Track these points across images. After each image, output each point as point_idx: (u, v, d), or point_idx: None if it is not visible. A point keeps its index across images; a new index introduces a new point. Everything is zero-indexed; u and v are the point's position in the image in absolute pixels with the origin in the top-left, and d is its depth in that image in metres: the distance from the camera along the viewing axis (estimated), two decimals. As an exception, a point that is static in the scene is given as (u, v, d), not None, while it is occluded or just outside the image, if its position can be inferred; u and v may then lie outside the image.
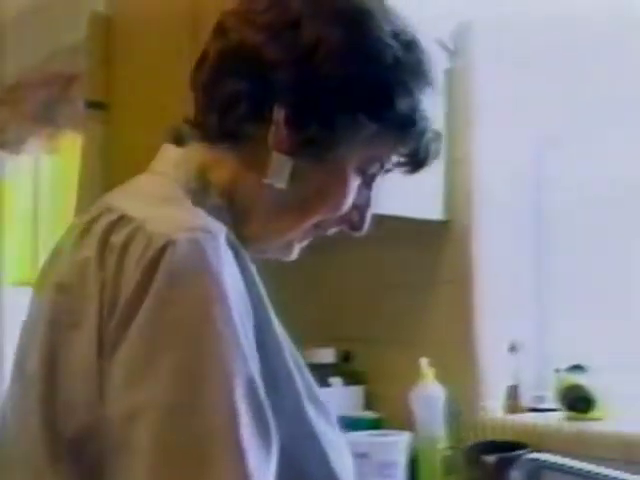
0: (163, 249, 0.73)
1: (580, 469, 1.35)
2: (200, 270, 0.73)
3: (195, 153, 0.91)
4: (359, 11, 0.89)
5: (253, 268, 0.81)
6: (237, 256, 0.78)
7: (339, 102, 0.87)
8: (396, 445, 1.66)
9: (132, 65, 2.20)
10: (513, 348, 1.80)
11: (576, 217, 1.81)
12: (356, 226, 0.96)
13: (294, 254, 0.97)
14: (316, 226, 0.94)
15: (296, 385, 0.82)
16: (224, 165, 0.90)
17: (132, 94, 2.21)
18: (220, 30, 0.91)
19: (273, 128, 0.87)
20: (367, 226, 0.96)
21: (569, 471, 1.37)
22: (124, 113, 2.24)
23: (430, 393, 1.75)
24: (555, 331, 1.82)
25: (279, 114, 0.86)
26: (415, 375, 1.75)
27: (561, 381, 1.69)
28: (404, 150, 0.94)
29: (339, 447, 0.85)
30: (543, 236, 1.86)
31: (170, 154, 0.92)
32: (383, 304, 1.91)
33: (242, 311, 0.74)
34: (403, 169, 0.96)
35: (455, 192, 1.81)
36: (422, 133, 0.92)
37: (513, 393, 1.79)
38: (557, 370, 1.71)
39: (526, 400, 1.79)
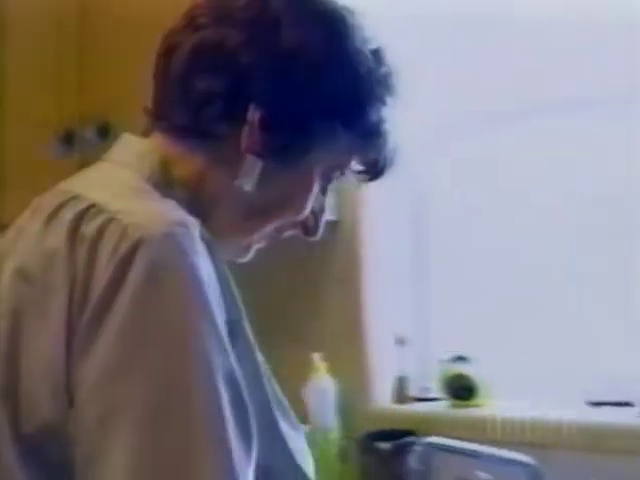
0: (138, 243, 0.70)
1: (471, 450, 1.46)
2: (177, 266, 0.71)
3: (159, 146, 0.88)
4: (338, 18, 0.89)
5: (223, 265, 0.78)
6: (210, 251, 0.75)
7: (316, 108, 0.87)
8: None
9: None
10: (399, 342, 1.90)
11: (456, 217, 1.92)
12: (311, 231, 0.96)
13: (249, 256, 0.96)
14: (275, 230, 0.93)
15: (265, 388, 0.80)
16: (190, 161, 0.87)
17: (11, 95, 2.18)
18: (194, 23, 0.88)
19: (247, 129, 0.85)
20: (321, 231, 0.96)
21: (460, 452, 1.47)
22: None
23: (322, 386, 1.83)
24: (438, 325, 1.93)
25: (254, 116, 0.85)
26: (308, 369, 1.83)
27: (445, 371, 1.80)
28: (366, 159, 0.94)
29: (303, 450, 0.85)
30: (425, 234, 1.97)
31: (132, 145, 0.89)
32: (275, 302, 1.97)
33: (218, 314, 0.72)
34: (361, 177, 0.97)
35: (343, 193, 1.88)
36: (385, 144, 0.93)
37: (400, 384, 1.89)
38: (441, 361, 1.82)
39: (413, 390, 1.89)
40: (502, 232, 1.84)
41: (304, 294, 1.94)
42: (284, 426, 0.83)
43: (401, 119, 0.94)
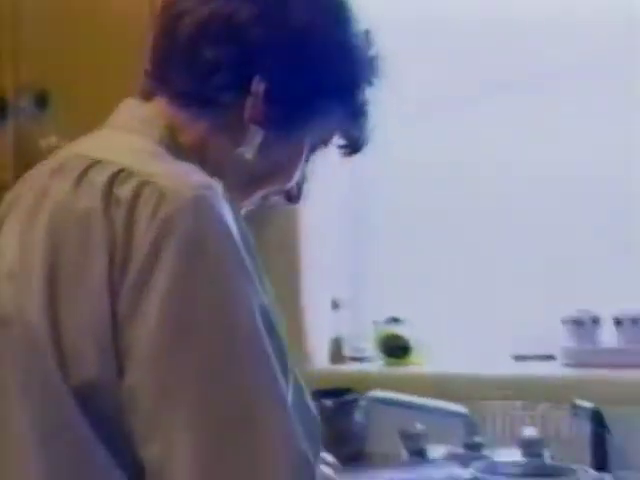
0: (176, 208, 0.73)
1: (411, 402, 1.58)
2: (213, 228, 0.74)
3: (162, 111, 0.90)
4: (341, 2, 0.94)
5: (244, 222, 0.81)
6: (232, 209, 0.78)
7: (316, 85, 0.91)
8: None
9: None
10: (335, 305, 1.99)
11: (392, 188, 2.01)
12: (294, 198, 1.00)
13: None
14: (265, 195, 0.97)
15: (283, 342, 0.81)
16: (194, 127, 0.89)
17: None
18: None
19: (251, 100, 0.88)
20: (302, 199, 1.01)
21: (401, 405, 1.59)
22: None
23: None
24: (372, 288, 2.03)
25: (258, 87, 0.88)
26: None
27: (379, 332, 1.91)
28: (349, 135, 0.99)
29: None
30: (361, 203, 2.06)
31: (136, 110, 0.91)
32: None
33: (252, 271, 0.76)
34: (341, 151, 1.01)
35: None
36: (367, 123, 0.98)
37: (337, 345, 1.98)
38: (376, 322, 1.93)
39: (349, 351, 1.99)
40: (434, 202, 1.95)
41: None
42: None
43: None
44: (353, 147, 1.00)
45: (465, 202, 1.91)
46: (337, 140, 1.00)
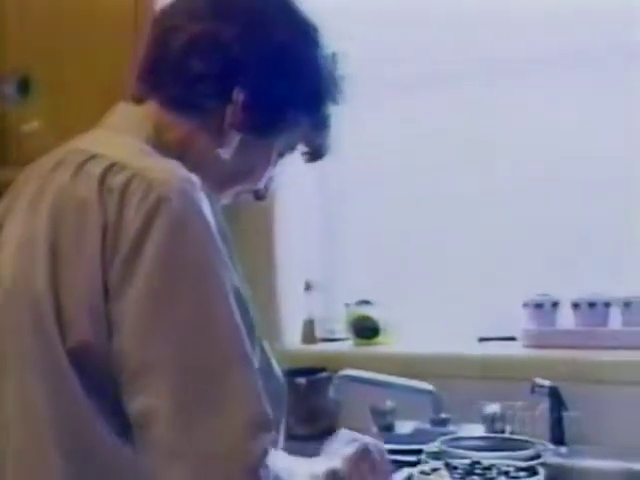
0: (161, 197, 0.84)
1: (381, 381, 1.66)
2: (193, 216, 0.86)
3: (152, 113, 1.01)
4: (315, 27, 1.07)
5: (220, 214, 0.93)
6: (210, 201, 0.90)
7: (288, 98, 1.04)
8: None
9: None
10: (308, 287, 2.07)
11: (362, 170, 2.09)
12: (261, 197, 1.13)
13: None
14: (236, 193, 1.10)
15: (250, 312, 0.93)
16: (179, 128, 1.01)
17: None
18: (194, 11, 1.02)
19: (231, 107, 1.00)
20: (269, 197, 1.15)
21: (372, 383, 1.67)
22: None
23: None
24: (343, 271, 2.12)
25: (238, 97, 1.00)
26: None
27: (350, 314, 2.00)
28: (313, 144, 1.12)
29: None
30: (334, 188, 2.13)
31: (128, 112, 1.03)
32: None
33: (225, 255, 0.88)
34: (304, 157, 1.14)
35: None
36: (329, 134, 1.11)
37: (309, 326, 2.06)
38: (347, 304, 2.01)
39: (320, 332, 2.07)
40: (405, 187, 2.03)
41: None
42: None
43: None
44: (315, 154, 1.13)
45: (434, 187, 1.99)
46: (301, 147, 1.12)
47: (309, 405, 1.83)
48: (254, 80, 1.01)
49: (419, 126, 2.01)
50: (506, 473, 1.10)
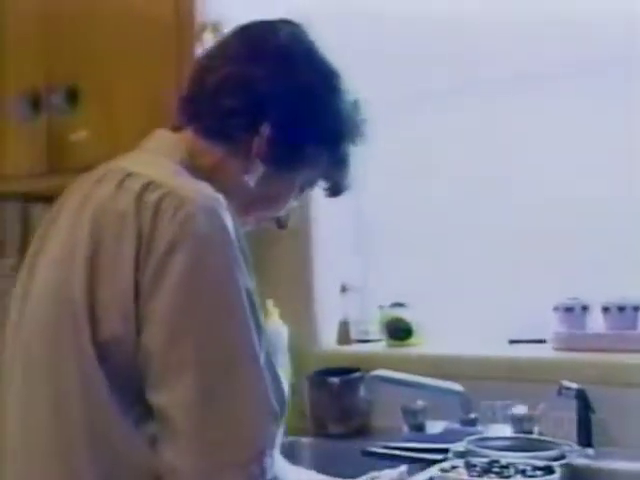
0: (191, 213, 0.95)
1: (412, 381, 1.71)
2: (218, 232, 0.97)
3: (187, 139, 1.14)
4: (336, 74, 1.18)
5: (241, 231, 1.05)
6: (233, 219, 1.01)
7: (310, 135, 1.16)
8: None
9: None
10: (344, 289, 2.13)
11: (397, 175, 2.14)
12: (282, 224, 1.27)
13: None
14: (258, 218, 1.22)
15: (263, 327, 1.04)
16: (210, 154, 1.14)
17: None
18: (228, 54, 1.17)
19: (258, 140, 1.13)
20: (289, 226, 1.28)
21: (403, 383, 1.72)
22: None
23: (275, 330, 2.03)
24: (378, 275, 2.17)
25: (265, 131, 1.12)
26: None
27: (384, 316, 2.05)
28: (333, 180, 1.24)
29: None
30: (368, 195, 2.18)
31: (165, 138, 1.15)
32: None
33: (245, 267, 0.99)
34: (324, 192, 1.26)
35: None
36: (348, 172, 1.22)
37: (344, 328, 2.12)
38: (381, 307, 2.06)
39: (355, 333, 2.13)
40: (437, 192, 2.08)
41: (259, 248, 2.12)
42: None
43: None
44: (334, 191, 1.26)
45: (466, 191, 2.03)
46: (322, 183, 1.24)
47: (342, 404, 1.88)
48: (278, 117, 1.13)
49: (451, 131, 2.06)
50: (523, 472, 1.14)
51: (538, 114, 1.94)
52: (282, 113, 1.13)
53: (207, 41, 1.81)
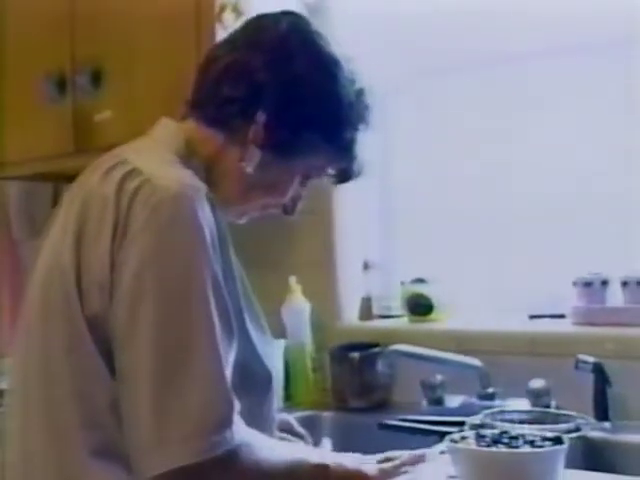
0: (162, 199, 1.02)
1: (431, 355, 1.73)
2: (186, 215, 1.02)
3: (188, 128, 1.20)
4: (335, 62, 1.21)
5: (222, 220, 1.10)
6: (212, 210, 1.06)
7: (306, 122, 1.19)
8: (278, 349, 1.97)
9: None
10: (366, 266, 2.15)
11: (417, 151, 2.15)
12: (288, 211, 1.29)
13: (243, 220, 1.30)
14: (264, 205, 1.26)
15: (243, 313, 1.12)
16: (211, 142, 1.19)
17: None
18: (231, 44, 1.23)
19: (254, 127, 1.17)
20: (296, 213, 1.30)
21: (422, 357, 1.74)
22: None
23: (298, 306, 2.08)
24: (400, 251, 2.19)
25: (261, 118, 1.17)
26: (285, 292, 2.08)
27: (405, 291, 2.07)
28: (338, 167, 1.27)
29: (273, 355, 1.21)
30: (391, 170, 2.20)
31: (168, 127, 1.21)
32: (258, 234, 2.13)
33: (214, 253, 1.04)
34: (333, 179, 1.30)
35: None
36: (353, 158, 1.25)
37: (366, 304, 2.15)
38: (402, 283, 2.08)
39: (377, 309, 2.16)
40: (458, 171, 2.09)
41: (282, 227, 2.15)
42: (255, 335, 1.14)
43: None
44: (342, 177, 1.29)
45: (486, 167, 2.03)
46: (330, 171, 1.27)
47: (362, 378, 1.91)
48: (274, 104, 1.16)
49: (475, 108, 2.06)
50: (532, 442, 1.15)
51: (567, 88, 1.93)
52: (277, 100, 1.16)
53: (227, 21, 1.84)
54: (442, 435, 1.49)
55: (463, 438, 1.19)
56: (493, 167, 2.02)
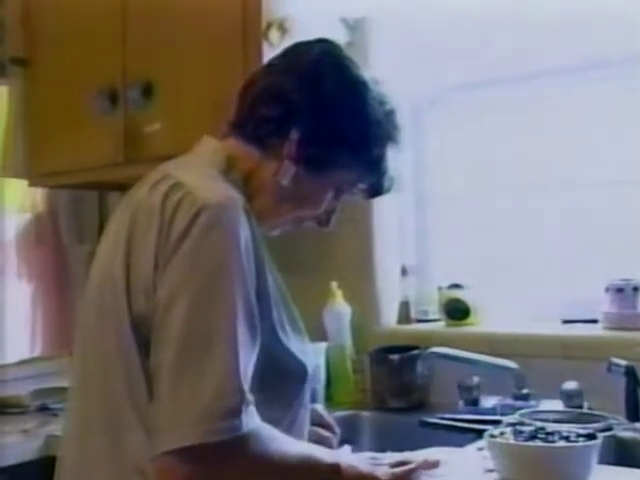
0: (202, 207, 1.10)
1: (467, 358, 1.81)
2: (223, 223, 1.11)
3: (229, 146, 1.29)
4: (363, 84, 1.30)
5: (257, 229, 1.19)
6: (248, 219, 1.15)
7: (336, 138, 1.27)
8: (319, 351, 2.06)
9: (54, 23, 2.39)
10: (404, 272, 2.23)
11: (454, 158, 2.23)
12: (322, 224, 1.37)
13: (276, 232, 1.37)
14: (298, 218, 1.34)
15: (272, 314, 1.19)
16: (250, 158, 1.28)
17: (54, 52, 2.41)
18: (269, 68, 1.33)
19: (287, 143, 1.26)
20: (331, 226, 1.38)
21: (459, 360, 1.82)
22: (45, 70, 2.45)
23: (339, 310, 2.16)
24: (437, 257, 2.27)
25: (294, 135, 1.26)
26: (327, 296, 2.16)
27: (443, 296, 2.14)
28: (368, 182, 1.35)
29: (306, 351, 1.26)
30: (426, 179, 2.29)
31: (209, 144, 1.31)
32: (301, 241, 2.12)
33: (247, 258, 1.12)
34: (364, 194, 1.38)
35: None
36: (383, 175, 1.33)
37: (404, 308, 2.23)
38: (439, 288, 2.16)
39: (415, 313, 2.23)
40: (491, 178, 2.17)
41: (324, 235, 2.20)
42: (292, 334, 1.22)
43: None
44: (372, 192, 1.37)
45: (520, 175, 2.11)
46: (361, 185, 1.35)
47: (401, 380, 1.99)
48: (306, 122, 1.26)
49: (510, 118, 2.13)
50: (566, 438, 1.23)
51: (596, 97, 2.00)
52: (309, 119, 1.25)
53: (273, 39, 1.93)
54: (479, 433, 1.57)
55: (501, 434, 1.26)
56: (530, 172, 2.09)
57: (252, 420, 1.07)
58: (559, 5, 1.96)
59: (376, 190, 1.36)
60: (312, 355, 1.31)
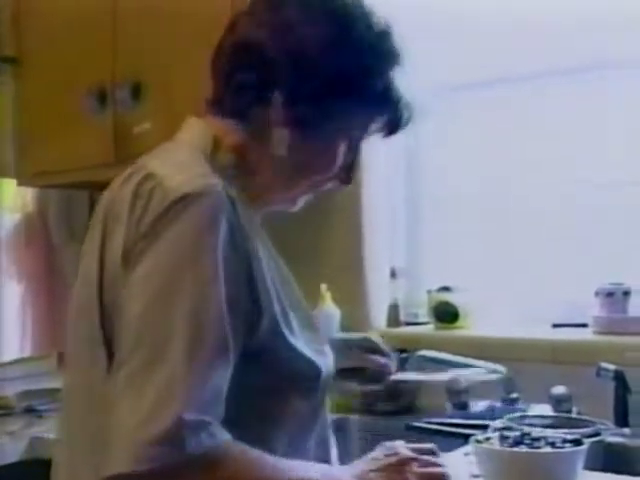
0: (172, 203, 1.00)
1: (456, 361, 1.79)
2: (194, 218, 1.00)
3: (212, 124, 1.15)
4: (342, 13, 1.11)
5: (250, 218, 1.07)
6: (232, 207, 1.02)
7: (325, 87, 1.09)
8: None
9: (45, 22, 2.39)
10: (393, 274, 2.22)
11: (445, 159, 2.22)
12: (344, 181, 1.19)
13: (298, 206, 1.22)
14: (313, 184, 1.17)
15: (273, 309, 1.05)
16: (235, 134, 1.13)
17: (44, 51, 2.40)
18: (231, 27, 1.16)
19: (272, 109, 1.10)
20: (353, 179, 1.20)
21: (448, 363, 1.80)
22: (36, 69, 2.44)
23: (328, 312, 2.15)
24: (426, 260, 2.26)
25: (278, 98, 1.09)
26: (316, 298, 2.14)
27: (432, 299, 2.13)
28: (382, 120, 1.16)
29: (322, 351, 1.13)
30: (417, 179, 2.27)
31: (193, 125, 1.17)
32: (289, 242, 2.20)
33: (228, 251, 1.00)
34: (383, 133, 1.18)
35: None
36: (395, 106, 1.14)
37: (394, 311, 2.21)
38: (429, 291, 2.15)
39: (404, 316, 2.22)
40: (481, 180, 2.16)
41: (313, 235, 2.23)
42: (302, 334, 1.09)
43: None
44: (390, 129, 1.18)
45: (513, 178, 2.11)
46: (375, 127, 1.17)
47: (389, 383, 1.97)
48: (287, 79, 1.09)
49: (504, 114, 2.13)
50: (552, 444, 1.21)
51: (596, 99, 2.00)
52: (288, 74, 1.09)
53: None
54: (466, 437, 1.56)
55: (487, 439, 1.25)
56: (520, 174, 2.09)
57: (210, 440, 0.92)
58: (559, 5, 1.96)
59: (396, 124, 1.17)
60: (330, 357, 1.16)
